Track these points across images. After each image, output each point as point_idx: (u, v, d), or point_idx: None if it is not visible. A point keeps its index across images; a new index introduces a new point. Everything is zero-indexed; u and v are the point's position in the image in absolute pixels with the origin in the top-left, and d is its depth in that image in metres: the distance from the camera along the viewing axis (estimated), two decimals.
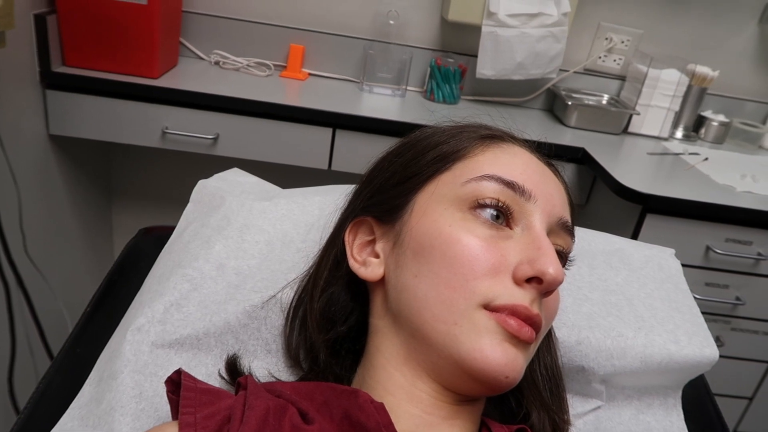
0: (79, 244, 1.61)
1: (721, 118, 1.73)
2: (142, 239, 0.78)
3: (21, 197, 1.23)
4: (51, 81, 1.31)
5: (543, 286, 0.45)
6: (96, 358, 0.58)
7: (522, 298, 0.45)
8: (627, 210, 1.29)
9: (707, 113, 1.74)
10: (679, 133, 1.72)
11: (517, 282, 0.45)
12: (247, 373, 0.53)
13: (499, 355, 0.44)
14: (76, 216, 1.56)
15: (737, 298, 1.35)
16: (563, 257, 0.52)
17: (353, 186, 0.60)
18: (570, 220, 0.52)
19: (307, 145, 1.42)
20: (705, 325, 0.65)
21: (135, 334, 0.56)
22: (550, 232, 0.49)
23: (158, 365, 0.55)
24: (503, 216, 0.48)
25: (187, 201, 0.71)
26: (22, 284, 1.27)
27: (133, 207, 1.86)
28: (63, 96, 1.33)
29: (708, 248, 1.29)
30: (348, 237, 0.55)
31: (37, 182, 1.35)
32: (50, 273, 1.39)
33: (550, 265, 0.44)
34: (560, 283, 0.45)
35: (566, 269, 0.53)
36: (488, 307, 0.45)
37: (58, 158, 1.43)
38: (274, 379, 0.56)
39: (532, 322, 0.45)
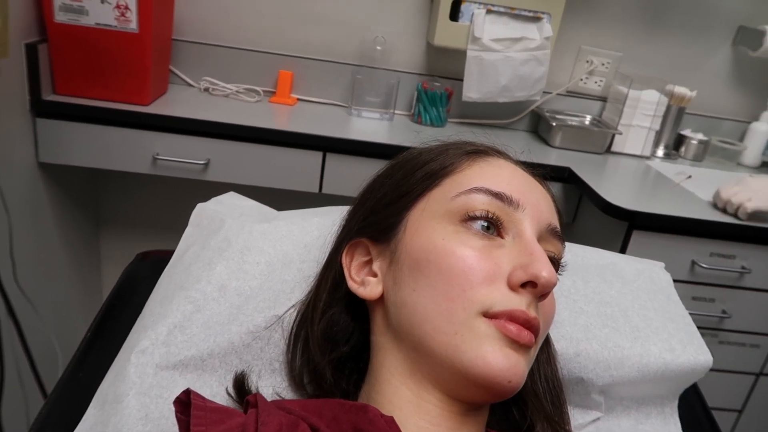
0: (68, 272, 1.59)
1: (700, 136, 1.78)
2: (140, 264, 0.78)
3: (12, 225, 1.22)
4: (41, 109, 1.31)
5: (538, 290, 0.47)
6: (98, 382, 0.58)
7: (519, 302, 0.46)
8: (614, 227, 1.32)
9: (686, 132, 1.79)
10: (660, 152, 1.76)
11: (513, 288, 0.47)
12: (255, 391, 0.53)
13: (501, 361, 0.45)
14: (64, 244, 1.55)
15: (723, 312, 1.38)
16: (555, 263, 0.53)
17: (349, 207, 0.61)
18: (558, 226, 0.53)
19: (297, 168, 1.43)
20: (698, 333, 0.66)
21: (139, 356, 0.56)
22: (540, 239, 0.50)
23: (163, 387, 0.55)
24: (494, 226, 0.49)
25: (175, 228, 0.72)
26: (12, 313, 1.26)
27: (121, 234, 1.84)
28: (53, 124, 1.33)
29: (693, 263, 1.32)
30: (345, 259, 0.56)
31: (26, 210, 1.34)
32: (39, 301, 1.37)
33: (543, 269, 0.46)
34: (554, 285, 0.47)
35: (559, 274, 0.54)
36: (487, 315, 0.46)
37: (47, 186, 1.42)
38: (279, 398, 0.56)
39: (531, 325, 0.46)
